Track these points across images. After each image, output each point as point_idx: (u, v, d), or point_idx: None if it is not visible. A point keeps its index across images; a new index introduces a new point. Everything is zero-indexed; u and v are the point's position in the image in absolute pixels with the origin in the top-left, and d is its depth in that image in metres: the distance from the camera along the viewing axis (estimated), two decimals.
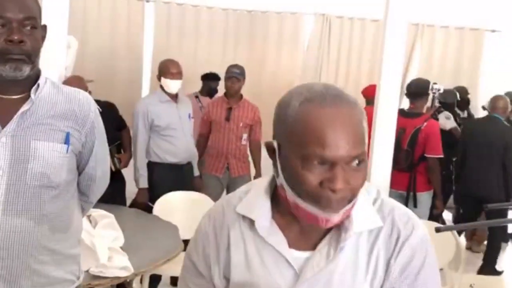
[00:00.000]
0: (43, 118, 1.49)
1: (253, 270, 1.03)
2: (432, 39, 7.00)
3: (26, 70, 1.46)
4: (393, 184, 4.14)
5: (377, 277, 1.00)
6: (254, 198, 1.05)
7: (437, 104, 4.48)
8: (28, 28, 1.45)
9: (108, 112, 3.53)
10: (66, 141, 1.50)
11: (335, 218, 0.96)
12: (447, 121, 5.82)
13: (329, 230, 1.01)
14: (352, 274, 1.00)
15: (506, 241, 6.00)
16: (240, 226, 1.06)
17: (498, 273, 5.79)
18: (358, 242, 1.01)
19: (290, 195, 0.98)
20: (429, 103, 4.47)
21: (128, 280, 3.06)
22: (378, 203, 1.05)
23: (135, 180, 3.85)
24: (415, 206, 4.03)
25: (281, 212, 1.04)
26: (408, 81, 6.34)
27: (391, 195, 4.15)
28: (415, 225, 1.03)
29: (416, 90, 4.21)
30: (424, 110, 4.38)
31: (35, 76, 1.51)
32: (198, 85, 5.93)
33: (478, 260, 5.38)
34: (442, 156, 4.12)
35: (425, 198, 4.12)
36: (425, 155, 4.04)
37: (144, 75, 6.44)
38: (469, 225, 5.49)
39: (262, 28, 6.65)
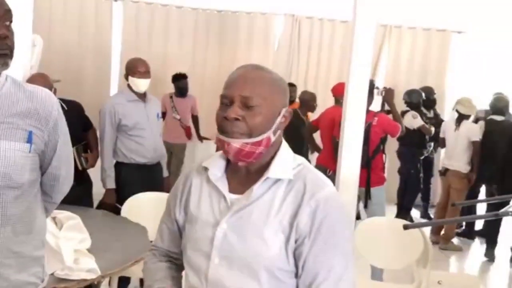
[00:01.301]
0: (4, 116, 1.44)
1: (202, 206, 1.38)
2: (399, 40, 7.12)
3: (10, 65, 1.45)
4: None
5: (285, 218, 1.28)
6: (217, 156, 1.41)
7: (386, 107, 4.61)
8: (8, 23, 1.45)
9: (74, 111, 3.46)
10: (29, 140, 1.45)
11: (235, 143, 1.28)
12: (413, 120, 5.91)
13: (259, 178, 1.32)
14: (267, 213, 1.29)
15: (472, 238, 6.14)
16: (201, 175, 1.42)
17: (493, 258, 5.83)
18: (276, 191, 1.31)
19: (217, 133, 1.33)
20: (378, 107, 4.56)
21: (96, 283, 3.02)
22: (300, 167, 1.35)
23: (102, 180, 3.78)
24: (366, 200, 4.23)
25: (231, 167, 1.39)
26: (377, 81, 6.46)
27: None
28: (323, 186, 1.31)
29: None
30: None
31: None
32: (168, 85, 5.90)
33: (445, 257, 5.49)
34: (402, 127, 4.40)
35: (378, 192, 4.26)
36: (397, 137, 4.51)
37: (113, 74, 6.36)
38: (436, 222, 5.62)
39: (232, 28, 6.65)
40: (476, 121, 5.86)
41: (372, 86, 4.30)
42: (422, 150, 6.07)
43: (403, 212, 6.15)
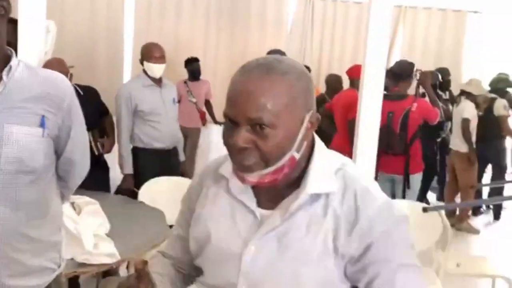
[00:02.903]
0: (16, 101, 1.43)
1: (222, 222, 1.14)
2: (414, 21, 7.01)
3: None
4: (387, 168, 4.14)
5: (330, 239, 1.05)
6: None
7: (421, 91, 4.47)
8: None
9: (90, 96, 3.47)
10: (42, 125, 1.44)
11: (250, 178, 1.05)
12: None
13: (291, 192, 1.09)
14: (305, 232, 1.06)
15: (475, 214, 6.15)
16: (218, 183, 1.19)
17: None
18: (314, 204, 1.08)
19: None
20: (413, 91, 4.44)
21: (114, 267, 3.04)
22: (341, 173, 1.10)
23: (119, 165, 3.80)
24: (406, 187, 4.08)
25: None
26: (391, 63, 6.37)
27: (382, 179, 4.18)
28: (373, 197, 1.07)
29: (401, 72, 4.19)
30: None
31: (6, 59, 1.46)
32: (180, 69, 5.88)
33: (461, 239, 5.46)
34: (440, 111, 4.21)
35: (416, 179, 4.15)
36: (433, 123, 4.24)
37: (126, 59, 6.34)
38: (455, 205, 5.59)
39: (244, 11, 6.59)
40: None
41: (410, 71, 4.22)
42: (439, 132, 5.99)
43: (419, 195, 6.11)
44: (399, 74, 4.18)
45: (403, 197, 4.05)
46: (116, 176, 3.83)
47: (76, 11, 6.13)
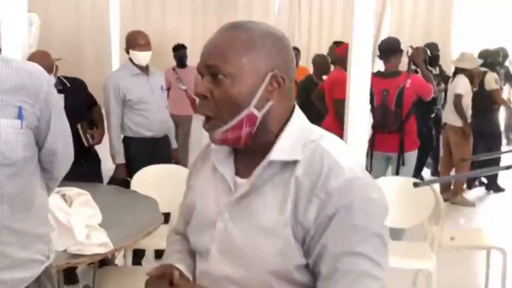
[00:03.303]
0: None
1: (207, 192, 1.18)
2: None
3: None
4: (382, 147, 4.14)
5: (290, 212, 1.02)
6: None
7: (412, 67, 4.43)
8: None
9: (77, 88, 3.45)
10: (20, 116, 1.42)
11: (214, 136, 1.08)
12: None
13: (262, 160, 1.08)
14: (269, 203, 1.05)
15: (470, 187, 6.19)
16: (208, 156, 1.21)
17: (502, 189, 5.92)
18: (281, 175, 1.06)
19: None
20: (405, 67, 4.41)
21: (110, 256, 3.05)
22: (313, 144, 1.06)
23: (111, 156, 3.79)
24: (401, 165, 4.07)
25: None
26: (380, 38, 6.34)
27: (378, 158, 4.18)
28: (339, 172, 1.01)
29: (388, 47, 4.16)
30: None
31: None
32: (167, 58, 5.85)
33: (456, 213, 5.49)
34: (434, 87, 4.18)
35: (412, 156, 4.14)
36: (426, 100, 4.23)
37: (113, 49, 6.30)
38: (445, 178, 5.62)
39: None
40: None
41: (398, 46, 4.18)
42: (432, 108, 5.97)
43: (415, 172, 6.13)
44: (387, 50, 4.15)
45: (397, 174, 4.06)
46: (108, 167, 3.82)
47: (61, 2, 6.07)
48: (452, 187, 5.78)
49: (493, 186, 6.20)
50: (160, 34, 6.22)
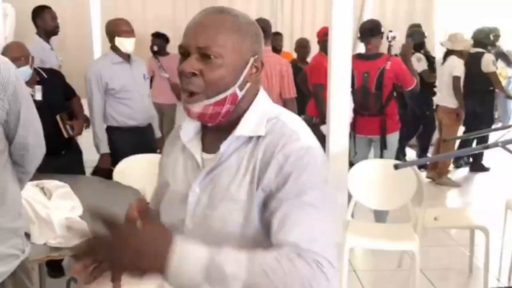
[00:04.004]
0: None
1: (178, 170, 1.23)
2: None
3: None
4: (364, 130, 4.12)
5: (254, 180, 1.10)
6: None
7: (394, 53, 4.40)
8: None
9: (54, 79, 3.40)
10: None
11: (194, 108, 1.12)
12: (417, 64, 5.77)
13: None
14: (235, 174, 1.13)
15: (458, 167, 6.24)
16: (179, 138, 1.25)
17: (486, 169, 5.98)
18: (245, 149, 1.14)
19: None
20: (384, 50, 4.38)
21: None
22: (274, 121, 1.15)
23: (95, 146, 3.76)
24: (384, 147, 4.04)
25: (204, 124, 1.22)
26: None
27: (360, 141, 4.17)
28: (296, 139, 1.10)
29: (368, 28, 4.13)
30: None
31: None
32: (149, 45, 5.81)
33: (442, 193, 5.54)
34: (417, 81, 4.09)
35: (394, 139, 4.12)
36: (405, 91, 4.12)
37: (95, 38, 6.22)
38: (425, 159, 5.66)
39: None
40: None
41: (379, 27, 4.15)
42: (434, 90, 5.95)
43: (422, 153, 6.15)
44: (367, 30, 4.12)
45: (381, 157, 4.06)
46: (89, 158, 3.79)
47: None
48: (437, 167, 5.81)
49: (477, 166, 6.24)
50: (142, 22, 6.15)
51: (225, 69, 1.11)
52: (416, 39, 5.74)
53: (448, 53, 5.57)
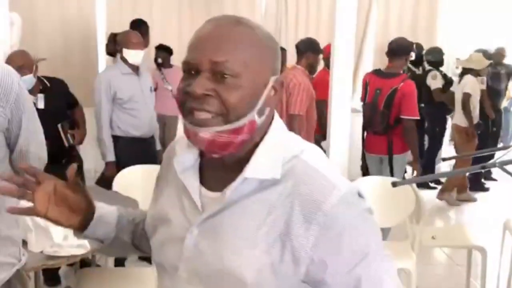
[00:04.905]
0: None
1: (172, 203, 1.04)
2: None
3: None
4: (373, 149, 4.07)
5: (272, 234, 0.91)
6: None
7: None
8: None
9: (57, 88, 3.44)
10: None
11: (204, 133, 0.91)
12: (432, 81, 5.84)
13: (238, 175, 0.94)
14: (247, 222, 0.93)
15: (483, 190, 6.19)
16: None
17: (486, 189, 6.04)
18: (259, 194, 0.94)
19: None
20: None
21: (90, 257, 3.05)
22: (294, 161, 0.94)
23: (101, 154, 3.80)
24: (391, 169, 3.94)
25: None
26: (367, 40, 6.37)
27: (371, 160, 4.09)
28: (327, 193, 0.90)
29: (398, 48, 4.03)
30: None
31: None
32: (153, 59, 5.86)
33: (440, 211, 5.53)
34: (418, 118, 3.95)
35: (401, 160, 4.00)
36: (401, 116, 3.86)
37: (100, 49, 6.26)
38: (423, 178, 5.63)
39: None
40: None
41: (406, 49, 4.04)
42: (448, 108, 5.96)
43: (425, 171, 6.13)
44: (394, 50, 4.03)
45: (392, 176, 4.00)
46: (90, 168, 3.81)
47: (47, 3, 6.03)
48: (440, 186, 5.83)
49: (477, 186, 6.22)
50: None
51: (243, 91, 0.91)
52: (435, 57, 5.89)
53: (464, 72, 5.62)
